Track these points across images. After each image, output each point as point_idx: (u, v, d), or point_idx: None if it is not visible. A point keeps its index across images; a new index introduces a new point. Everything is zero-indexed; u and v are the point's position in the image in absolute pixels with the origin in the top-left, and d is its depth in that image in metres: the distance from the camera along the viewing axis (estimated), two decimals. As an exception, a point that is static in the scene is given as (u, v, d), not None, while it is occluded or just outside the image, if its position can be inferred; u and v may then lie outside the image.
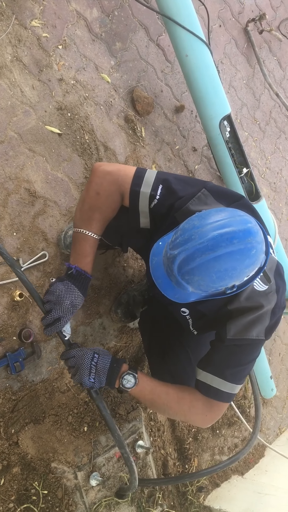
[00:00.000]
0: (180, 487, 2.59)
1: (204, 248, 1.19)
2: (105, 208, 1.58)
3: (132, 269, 2.45)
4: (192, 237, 1.21)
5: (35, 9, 2.07)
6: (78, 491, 1.97)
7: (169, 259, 1.27)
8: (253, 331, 1.51)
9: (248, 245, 1.20)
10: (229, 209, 1.31)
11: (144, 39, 2.56)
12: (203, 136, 2.86)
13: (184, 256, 1.22)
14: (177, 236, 1.26)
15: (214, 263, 1.20)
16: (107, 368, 1.52)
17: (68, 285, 1.53)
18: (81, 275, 1.56)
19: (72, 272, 1.56)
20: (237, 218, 1.23)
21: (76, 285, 1.55)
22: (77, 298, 1.55)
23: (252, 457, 3.29)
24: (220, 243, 1.18)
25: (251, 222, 1.24)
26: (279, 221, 3.58)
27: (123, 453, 1.61)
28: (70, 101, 2.19)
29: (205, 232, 1.20)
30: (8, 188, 1.95)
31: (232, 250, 1.18)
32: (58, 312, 1.51)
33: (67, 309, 1.52)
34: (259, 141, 3.39)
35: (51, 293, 1.52)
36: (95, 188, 1.56)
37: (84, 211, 1.59)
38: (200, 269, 1.22)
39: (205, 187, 1.52)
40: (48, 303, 1.52)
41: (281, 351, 3.67)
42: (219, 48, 3.07)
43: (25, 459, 1.92)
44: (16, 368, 1.90)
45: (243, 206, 1.56)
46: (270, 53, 3.50)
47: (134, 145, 2.48)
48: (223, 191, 1.59)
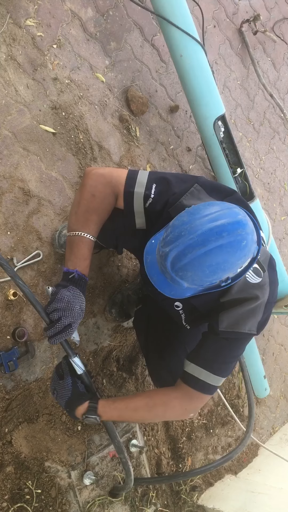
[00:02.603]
0: (173, 486, 2.60)
1: (194, 243, 1.20)
2: (101, 210, 1.57)
3: (127, 269, 2.45)
4: (182, 233, 1.22)
5: (29, 8, 2.06)
6: (71, 490, 1.98)
7: (162, 256, 1.28)
8: (246, 325, 1.51)
9: (238, 237, 1.21)
10: (218, 202, 1.33)
11: (138, 39, 2.56)
12: (197, 136, 2.87)
13: (176, 253, 1.23)
14: (168, 233, 1.27)
15: (206, 258, 1.21)
16: (67, 408, 1.61)
17: (74, 290, 1.50)
18: (82, 279, 1.53)
19: (74, 277, 1.52)
20: (226, 211, 1.24)
21: (79, 289, 1.52)
22: (83, 302, 1.53)
23: (246, 456, 3.30)
24: (209, 237, 1.19)
25: (240, 214, 1.25)
26: (273, 221, 3.60)
27: (121, 458, 1.65)
28: (65, 101, 2.19)
29: (195, 228, 1.21)
30: (2, 187, 1.95)
31: (222, 243, 1.19)
32: (69, 319, 1.47)
33: (78, 314, 1.49)
34: (253, 141, 3.40)
35: (60, 300, 1.46)
36: (90, 190, 1.56)
37: (80, 214, 1.56)
38: (192, 264, 1.23)
39: (197, 182, 1.53)
40: (55, 312, 1.46)
41: (274, 351, 3.68)
42: (214, 48, 3.08)
43: (19, 458, 1.91)
44: (10, 367, 1.90)
45: (236, 200, 1.57)
46: (264, 54, 3.51)
47: (128, 144, 2.48)
48: (216, 186, 1.60)
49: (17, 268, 1.96)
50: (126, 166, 2.45)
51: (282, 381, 3.79)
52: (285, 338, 3.81)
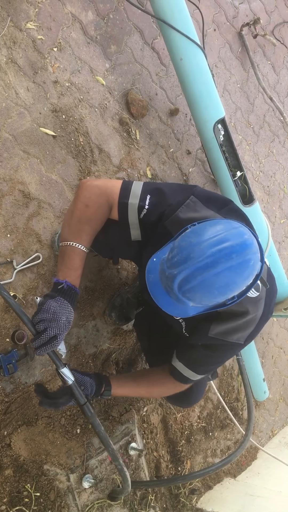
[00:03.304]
0: (172, 489, 2.59)
1: (204, 266, 1.20)
2: (95, 220, 1.57)
3: (126, 271, 2.45)
4: (191, 255, 1.22)
5: (30, 12, 2.07)
6: (70, 493, 1.97)
7: (168, 278, 1.27)
8: (234, 336, 1.56)
9: (246, 257, 1.22)
10: (223, 220, 1.32)
11: (139, 42, 2.57)
12: (197, 139, 2.88)
13: (184, 275, 1.23)
14: (174, 254, 1.27)
15: (215, 279, 1.21)
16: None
17: (61, 301, 1.48)
18: (71, 290, 1.52)
19: (62, 287, 1.50)
20: (232, 231, 1.24)
21: (67, 300, 1.50)
22: (71, 314, 1.50)
23: (245, 459, 3.29)
24: (219, 259, 1.19)
25: (246, 234, 1.26)
26: (272, 224, 3.60)
27: (117, 465, 1.65)
28: (65, 103, 2.19)
29: (203, 249, 1.21)
30: (2, 190, 1.95)
31: (231, 264, 1.20)
32: (54, 330, 1.43)
33: (64, 326, 1.46)
34: (253, 144, 3.41)
35: (46, 311, 1.44)
36: (84, 201, 1.55)
37: (73, 224, 1.56)
38: (201, 286, 1.23)
39: (193, 194, 1.53)
40: (41, 322, 1.43)
41: (274, 354, 3.68)
42: (214, 52, 3.09)
43: (18, 461, 1.91)
44: (9, 370, 1.90)
45: (232, 210, 1.58)
46: (264, 57, 3.52)
47: (128, 147, 2.48)
48: (212, 196, 1.59)
49: (16, 271, 1.96)
50: (126, 169, 2.45)
51: (281, 384, 3.79)
52: (284, 341, 3.81)
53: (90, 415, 1.57)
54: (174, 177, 2.76)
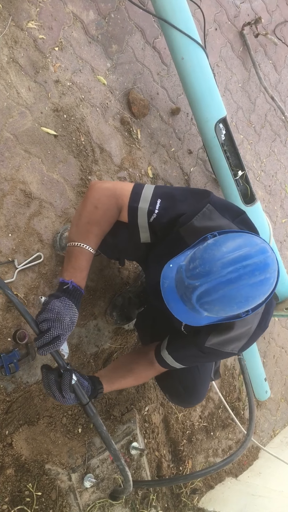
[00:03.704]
0: (174, 489, 2.59)
1: (227, 281, 1.21)
2: (103, 222, 1.57)
3: (127, 271, 2.45)
4: (214, 269, 1.22)
5: (31, 11, 2.07)
6: (72, 492, 1.97)
7: (188, 288, 1.28)
8: (230, 346, 1.59)
9: (267, 275, 1.24)
10: (245, 235, 1.33)
11: (140, 42, 2.56)
12: (198, 139, 2.87)
13: (206, 288, 1.24)
14: (196, 265, 1.27)
15: (236, 294, 1.23)
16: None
17: (66, 301, 1.47)
18: (76, 291, 1.52)
19: (68, 287, 1.50)
20: (256, 247, 1.25)
21: (72, 301, 1.49)
22: (75, 314, 1.49)
23: (246, 459, 3.29)
24: (242, 276, 1.21)
25: (268, 251, 1.27)
26: (273, 224, 3.60)
27: (118, 465, 1.65)
28: (66, 103, 2.19)
29: (227, 264, 1.22)
30: (4, 189, 1.95)
31: (254, 281, 1.22)
32: (57, 330, 1.43)
33: (67, 326, 1.45)
34: (254, 144, 3.41)
35: (50, 311, 1.43)
36: (93, 202, 1.55)
37: (81, 225, 1.56)
38: (221, 300, 1.25)
39: (209, 202, 1.52)
40: (45, 322, 1.43)
41: (275, 353, 3.68)
42: (215, 51, 3.08)
43: (19, 461, 1.91)
44: (11, 369, 1.90)
45: (244, 221, 1.60)
46: (265, 56, 3.52)
47: (129, 147, 2.48)
48: (227, 206, 1.60)
49: (18, 270, 1.96)
50: (127, 169, 2.45)
51: (282, 383, 3.79)
52: (285, 341, 3.81)
53: (92, 415, 1.57)
54: (176, 177, 2.76)
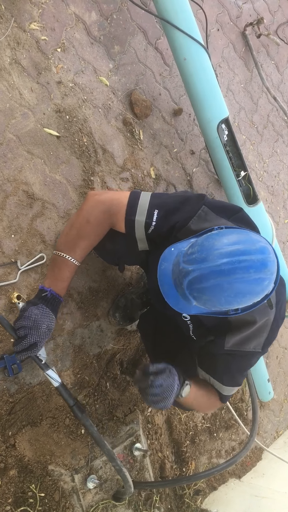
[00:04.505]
0: (177, 490, 2.59)
1: (220, 271, 1.20)
2: (93, 237, 1.58)
3: (130, 272, 2.45)
4: (210, 257, 1.21)
5: (34, 12, 2.07)
6: (75, 493, 1.97)
7: (181, 272, 1.27)
8: (250, 344, 1.55)
9: (262, 276, 1.22)
10: (251, 233, 1.31)
11: (142, 43, 2.57)
12: (201, 139, 2.87)
13: (198, 274, 1.23)
14: (194, 251, 1.26)
15: (226, 287, 1.21)
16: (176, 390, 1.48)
17: (43, 309, 1.49)
18: (55, 299, 1.53)
19: (46, 295, 1.53)
20: (256, 245, 1.23)
21: (50, 308, 1.52)
22: (52, 322, 1.52)
23: (250, 460, 3.28)
24: (236, 270, 1.19)
25: (269, 252, 1.25)
26: (276, 224, 3.59)
27: (114, 466, 1.64)
28: (69, 104, 2.19)
29: (223, 255, 1.20)
30: (6, 190, 1.95)
31: (246, 279, 1.20)
32: (34, 337, 1.47)
33: (44, 334, 1.49)
34: (256, 144, 3.40)
35: (27, 318, 1.46)
36: (86, 215, 1.56)
37: (70, 237, 1.57)
38: (211, 290, 1.23)
39: (204, 204, 1.52)
40: (22, 329, 1.47)
41: (278, 354, 3.67)
42: (217, 51, 3.08)
43: (22, 462, 1.91)
44: (14, 370, 1.89)
45: (242, 218, 1.60)
46: (268, 57, 3.51)
47: (132, 148, 2.48)
48: (222, 205, 1.60)
49: (21, 271, 1.96)
50: (130, 169, 2.45)
51: (286, 384, 3.78)
52: (289, 342, 3.80)
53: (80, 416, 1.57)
54: (178, 177, 2.76)
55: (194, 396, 1.59)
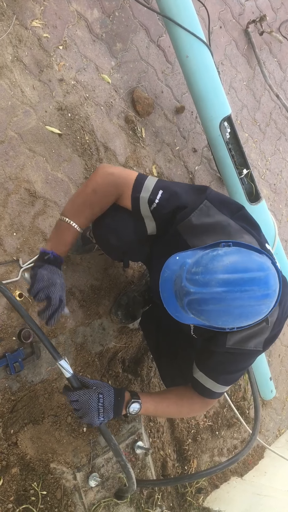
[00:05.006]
0: (179, 488, 2.59)
1: (220, 299, 1.20)
2: (98, 206, 1.61)
3: (132, 270, 2.45)
4: (212, 283, 1.20)
5: (35, 10, 2.07)
6: (77, 491, 1.97)
7: (183, 289, 1.27)
8: (251, 343, 1.54)
9: (262, 306, 1.23)
10: (258, 256, 1.29)
11: (144, 40, 2.56)
12: (203, 137, 2.86)
13: (199, 297, 1.23)
14: (197, 271, 1.25)
15: (226, 313, 1.22)
16: (112, 404, 1.55)
17: (50, 267, 1.54)
18: (57, 259, 1.58)
19: (49, 257, 1.57)
20: (262, 274, 1.22)
21: (55, 266, 1.57)
22: (62, 278, 1.56)
23: (251, 458, 3.28)
24: (236, 300, 1.19)
25: (274, 283, 1.24)
26: (279, 223, 3.58)
27: (119, 461, 1.64)
28: (71, 102, 2.19)
29: (226, 283, 1.20)
30: (8, 188, 1.95)
31: (246, 307, 1.21)
32: (57, 293, 1.50)
33: (61, 288, 1.53)
34: (259, 142, 3.39)
35: (40, 280, 1.49)
36: (94, 185, 1.58)
37: (76, 204, 1.61)
38: (210, 313, 1.24)
39: (207, 198, 1.52)
40: (41, 292, 1.49)
41: (280, 353, 3.66)
42: (220, 49, 3.07)
43: (24, 460, 1.91)
44: (16, 368, 1.90)
45: (244, 217, 1.60)
46: (270, 54, 3.50)
47: (134, 145, 2.48)
48: (225, 201, 1.60)
49: (23, 269, 1.96)
50: (132, 167, 2.45)
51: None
52: (291, 340, 3.79)
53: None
54: (180, 175, 2.76)
55: (154, 410, 1.67)
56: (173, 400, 1.73)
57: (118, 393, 1.58)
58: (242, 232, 1.50)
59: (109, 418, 1.55)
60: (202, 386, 1.67)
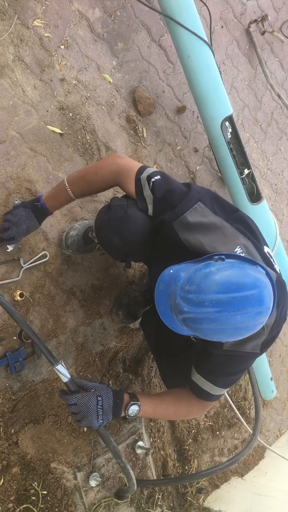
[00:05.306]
0: (179, 488, 2.59)
1: (213, 319, 1.20)
2: (95, 186, 1.75)
3: (133, 270, 2.44)
4: (206, 303, 1.20)
5: (37, 9, 2.07)
6: (77, 491, 1.97)
7: (177, 306, 1.27)
8: (248, 345, 1.54)
9: (255, 322, 1.24)
10: (250, 272, 1.27)
11: (146, 40, 2.55)
12: (204, 137, 2.86)
13: (193, 317, 1.24)
14: (191, 290, 1.24)
15: (219, 331, 1.24)
16: (111, 406, 1.57)
17: (29, 213, 1.75)
18: (43, 210, 1.77)
19: (37, 205, 1.76)
20: (255, 292, 1.21)
21: (36, 215, 1.76)
22: (34, 225, 1.77)
23: (252, 458, 3.28)
24: (230, 320, 1.20)
25: (266, 301, 1.24)
26: (280, 223, 3.58)
27: (119, 463, 1.64)
28: (72, 101, 2.18)
29: (219, 304, 1.20)
30: (9, 188, 1.95)
31: (239, 328, 1.22)
32: (15, 231, 1.74)
33: (22, 232, 1.76)
34: (260, 142, 3.39)
35: (14, 215, 1.74)
36: (98, 168, 1.73)
37: (80, 176, 1.76)
38: (203, 331, 1.25)
39: (200, 200, 1.54)
40: (7, 222, 1.74)
41: (281, 353, 3.66)
42: (221, 49, 3.07)
43: (25, 459, 1.91)
44: (16, 368, 1.90)
45: (239, 219, 1.61)
46: (272, 54, 3.50)
47: (135, 145, 2.48)
48: (218, 203, 1.62)
49: (24, 269, 1.96)
50: (133, 167, 2.44)
51: (289, 383, 3.77)
52: (292, 340, 3.79)
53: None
54: (182, 175, 2.75)
55: (153, 412, 1.71)
56: (172, 402, 1.75)
57: (117, 395, 1.60)
58: (237, 234, 1.51)
59: (108, 421, 1.57)
60: (200, 388, 1.68)
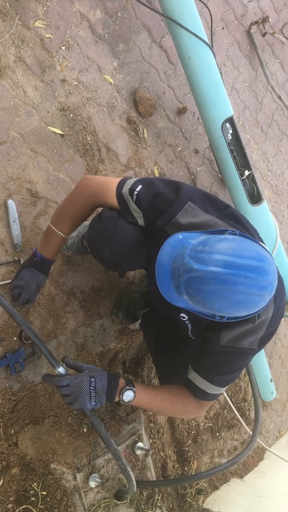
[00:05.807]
0: (179, 489, 2.59)
1: (223, 280, 1.18)
2: (77, 216, 1.76)
3: (133, 271, 2.44)
4: (218, 262, 1.19)
5: (38, 10, 2.07)
6: (77, 492, 1.97)
7: (184, 265, 1.24)
8: (245, 341, 1.52)
9: (261, 297, 1.23)
10: (264, 252, 1.28)
11: (147, 41, 2.56)
12: (205, 138, 2.86)
13: (201, 275, 1.20)
14: (204, 250, 1.23)
15: (225, 296, 1.20)
16: (105, 388, 1.54)
17: (33, 271, 1.82)
18: (44, 262, 1.82)
19: (37, 260, 1.81)
20: (265, 265, 1.22)
21: (39, 270, 1.83)
22: (42, 279, 1.85)
23: (252, 460, 3.28)
24: (239, 285, 1.18)
25: (275, 277, 1.25)
26: (280, 224, 3.58)
27: (119, 465, 1.63)
28: (73, 102, 2.19)
29: (232, 266, 1.18)
30: (10, 189, 1.95)
31: (246, 295, 1.20)
32: (27, 295, 1.84)
33: (34, 291, 1.85)
34: (261, 143, 3.39)
35: (20, 279, 1.83)
36: (73, 199, 1.74)
37: (59, 214, 1.78)
38: (208, 294, 1.21)
39: (190, 199, 1.52)
40: (16, 288, 1.83)
41: (281, 354, 3.66)
42: (222, 50, 3.07)
43: (24, 460, 1.91)
44: (16, 368, 1.90)
45: (231, 215, 1.59)
46: (273, 55, 3.50)
47: (136, 146, 2.48)
48: (209, 200, 1.60)
49: (24, 270, 1.96)
50: (133, 168, 2.45)
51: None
52: (292, 341, 3.79)
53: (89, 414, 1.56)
54: (182, 176, 2.75)
55: (148, 402, 1.66)
56: (168, 396, 1.71)
57: (112, 378, 1.57)
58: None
59: (101, 404, 1.53)
60: (196, 387, 1.65)
